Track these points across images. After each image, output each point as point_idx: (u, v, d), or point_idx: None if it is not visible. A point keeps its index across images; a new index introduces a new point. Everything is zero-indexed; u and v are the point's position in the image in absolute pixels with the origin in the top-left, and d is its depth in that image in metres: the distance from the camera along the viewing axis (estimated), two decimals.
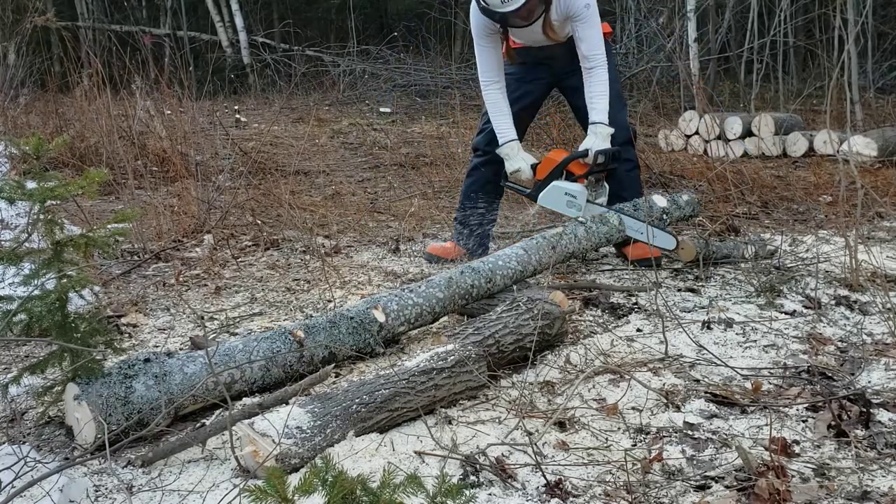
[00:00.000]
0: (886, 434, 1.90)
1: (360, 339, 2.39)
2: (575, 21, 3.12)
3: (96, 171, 1.85)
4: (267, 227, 4.16)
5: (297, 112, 9.05)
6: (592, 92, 3.17)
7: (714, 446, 1.87)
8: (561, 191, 3.16)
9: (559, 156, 3.20)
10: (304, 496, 1.16)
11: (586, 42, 3.13)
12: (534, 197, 3.24)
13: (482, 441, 1.87)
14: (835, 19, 4.67)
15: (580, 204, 3.14)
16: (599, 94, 3.16)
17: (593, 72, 3.16)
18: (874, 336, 2.57)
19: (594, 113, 3.16)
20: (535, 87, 3.44)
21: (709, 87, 8.26)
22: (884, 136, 5.76)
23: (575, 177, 3.17)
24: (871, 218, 4.14)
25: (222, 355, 2.14)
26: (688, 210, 3.59)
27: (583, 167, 3.16)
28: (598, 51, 3.14)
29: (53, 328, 1.88)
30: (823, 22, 9.10)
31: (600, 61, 3.15)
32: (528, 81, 3.39)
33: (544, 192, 3.18)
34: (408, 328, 2.52)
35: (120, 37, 9.45)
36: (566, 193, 3.15)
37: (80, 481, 1.71)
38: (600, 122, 3.15)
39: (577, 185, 3.16)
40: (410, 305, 2.51)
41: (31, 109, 6.36)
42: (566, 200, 3.15)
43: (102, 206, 4.67)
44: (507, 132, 3.27)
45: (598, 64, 3.15)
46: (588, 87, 3.18)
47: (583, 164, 3.15)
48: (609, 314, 2.85)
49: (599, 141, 3.13)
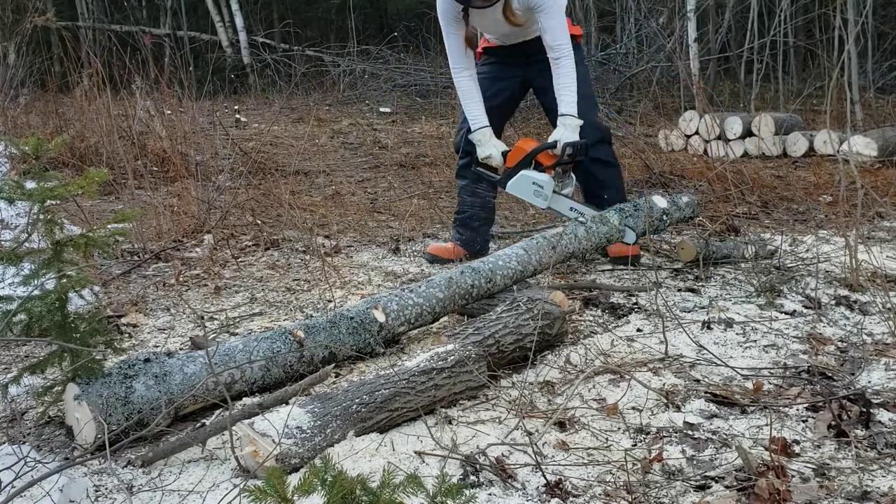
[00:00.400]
0: (886, 434, 1.90)
1: (361, 339, 2.39)
2: (538, 12, 3.12)
3: (96, 171, 1.85)
4: (267, 227, 4.16)
5: (297, 112, 9.05)
6: (560, 83, 3.17)
7: (714, 446, 1.87)
8: (529, 180, 3.20)
9: (529, 145, 3.23)
10: (303, 496, 1.16)
11: (550, 33, 3.14)
12: (502, 184, 3.29)
13: (482, 441, 1.87)
14: (835, 19, 4.67)
15: (546, 194, 3.19)
16: (566, 85, 3.16)
17: (559, 62, 3.16)
18: (874, 336, 2.57)
19: (563, 105, 3.16)
20: (509, 85, 3.44)
21: (709, 87, 8.26)
22: (884, 136, 5.76)
23: (543, 167, 3.20)
24: (871, 218, 4.14)
25: (222, 355, 2.13)
26: (687, 211, 3.59)
27: (551, 158, 3.18)
28: (562, 41, 3.15)
29: (53, 328, 1.88)
30: (823, 22, 9.10)
31: (566, 51, 3.15)
32: (502, 79, 3.40)
33: (513, 181, 3.23)
34: (408, 328, 2.52)
35: (120, 37, 9.45)
36: (534, 183, 3.19)
37: (80, 481, 1.71)
38: (569, 115, 3.15)
39: (545, 175, 3.19)
40: (410, 305, 2.51)
41: (31, 109, 6.36)
42: (533, 190, 3.20)
43: (102, 206, 4.67)
44: (479, 118, 3.28)
45: (563, 54, 3.15)
46: (556, 79, 3.18)
47: (551, 156, 3.18)
48: (609, 314, 2.85)
49: (568, 133, 3.14)
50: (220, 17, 12.67)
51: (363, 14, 13.42)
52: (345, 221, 4.31)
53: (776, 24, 8.19)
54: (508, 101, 3.50)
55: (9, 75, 6.86)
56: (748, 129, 6.52)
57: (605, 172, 3.40)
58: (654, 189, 4.94)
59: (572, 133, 3.15)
